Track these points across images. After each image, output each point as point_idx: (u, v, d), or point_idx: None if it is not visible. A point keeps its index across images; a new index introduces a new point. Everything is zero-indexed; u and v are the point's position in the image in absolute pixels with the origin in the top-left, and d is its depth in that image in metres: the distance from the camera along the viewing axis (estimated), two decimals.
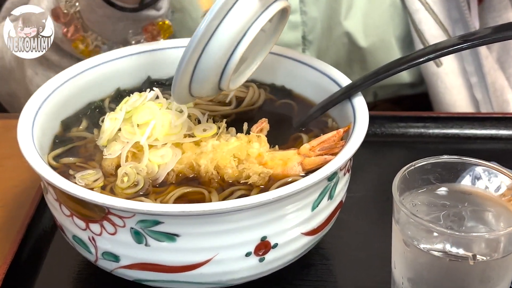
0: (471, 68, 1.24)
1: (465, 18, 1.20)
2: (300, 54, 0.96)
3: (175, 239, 0.73)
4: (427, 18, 1.21)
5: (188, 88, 0.82)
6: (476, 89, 1.24)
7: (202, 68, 0.79)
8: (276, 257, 0.78)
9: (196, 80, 0.81)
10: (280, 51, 0.96)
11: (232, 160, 0.82)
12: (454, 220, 0.73)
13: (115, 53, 0.97)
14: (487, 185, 0.79)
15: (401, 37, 1.25)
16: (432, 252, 0.70)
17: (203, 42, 0.77)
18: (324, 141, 0.83)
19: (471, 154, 1.07)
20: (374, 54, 1.25)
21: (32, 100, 0.87)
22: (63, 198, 0.77)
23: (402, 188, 0.74)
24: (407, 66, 0.86)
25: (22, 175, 1.06)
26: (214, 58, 0.79)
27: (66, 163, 0.85)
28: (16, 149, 1.11)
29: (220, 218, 0.72)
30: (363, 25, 1.23)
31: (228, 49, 0.79)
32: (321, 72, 0.93)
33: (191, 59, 0.78)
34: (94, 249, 0.77)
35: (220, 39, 0.77)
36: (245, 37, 0.79)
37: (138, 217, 0.72)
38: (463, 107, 1.25)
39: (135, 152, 0.83)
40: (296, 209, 0.76)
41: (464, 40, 0.83)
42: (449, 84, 1.23)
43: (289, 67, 0.96)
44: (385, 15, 1.23)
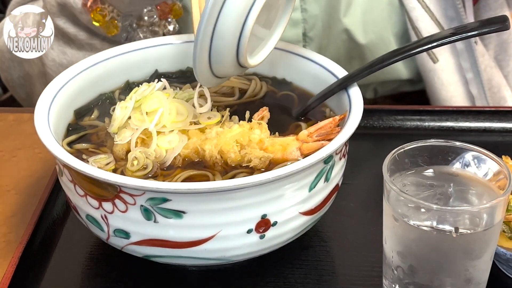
0: (467, 64, 1.30)
1: (461, 17, 1.26)
2: (300, 48, 1.04)
3: (182, 216, 0.80)
4: (423, 16, 1.27)
5: (210, 68, 0.88)
6: (471, 85, 1.30)
7: (218, 41, 0.85)
8: (276, 235, 0.85)
9: (214, 55, 0.86)
10: (281, 46, 1.03)
11: (235, 145, 0.89)
12: (440, 198, 0.80)
13: (124, 48, 1.04)
14: (476, 171, 0.85)
15: (399, 35, 1.31)
16: (420, 227, 0.77)
17: (215, 14, 0.83)
18: (321, 127, 0.90)
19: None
20: (373, 50, 1.31)
21: (48, 90, 0.94)
22: (77, 179, 0.84)
23: (393, 169, 0.81)
24: (400, 58, 0.92)
25: (34, 165, 1.14)
26: (228, 28, 0.84)
27: (79, 148, 0.92)
28: (28, 141, 1.20)
29: (223, 196, 0.80)
30: (362, 22, 1.28)
31: (239, 18, 0.84)
32: (320, 65, 1.01)
33: (205, 33, 0.83)
34: (106, 227, 0.85)
35: (230, 9, 0.83)
36: (255, 5, 0.85)
37: (148, 195, 0.80)
38: (459, 102, 1.31)
39: (144, 138, 0.90)
40: (294, 189, 0.83)
41: (453, 33, 0.90)
42: (445, 80, 1.29)
43: (289, 61, 1.03)
44: (383, 12, 1.29)
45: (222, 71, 0.91)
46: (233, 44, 0.87)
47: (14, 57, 1.28)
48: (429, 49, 0.91)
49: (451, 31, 0.90)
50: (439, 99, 1.31)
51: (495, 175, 0.83)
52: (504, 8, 1.33)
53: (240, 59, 0.89)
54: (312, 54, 1.02)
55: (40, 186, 1.07)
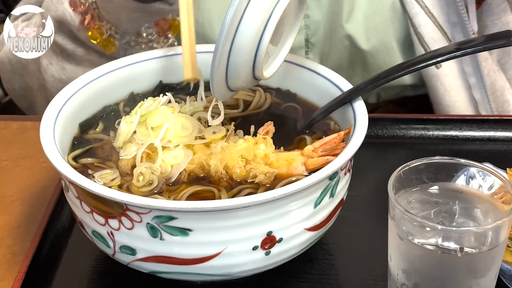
0: (470, 69, 1.31)
1: (464, 22, 1.27)
2: (304, 60, 1.05)
3: (188, 234, 0.81)
4: (426, 22, 1.28)
5: (225, 82, 0.90)
6: (474, 90, 1.31)
7: (235, 58, 0.87)
8: (281, 251, 0.86)
9: (231, 71, 0.89)
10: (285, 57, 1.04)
11: (240, 160, 0.90)
12: (445, 216, 0.81)
13: (128, 60, 1.05)
14: (481, 184, 0.86)
15: (401, 40, 1.32)
16: (424, 246, 0.78)
17: (232, 33, 0.85)
18: (326, 142, 0.91)
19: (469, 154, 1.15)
20: (375, 56, 1.32)
21: (53, 104, 0.95)
22: (84, 196, 0.86)
23: (398, 186, 0.82)
24: (405, 72, 0.94)
25: (38, 175, 1.15)
26: (245, 45, 0.87)
27: (84, 163, 0.93)
28: (32, 150, 1.21)
29: (229, 214, 0.81)
30: (364, 28, 1.29)
31: (256, 35, 0.87)
32: (324, 77, 1.02)
33: (223, 51, 0.86)
34: (112, 243, 0.86)
35: (247, 27, 0.86)
36: (271, 19, 0.87)
37: (154, 213, 0.81)
38: (462, 107, 1.32)
39: (149, 153, 0.92)
40: (300, 206, 0.84)
41: (458, 48, 0.91)
42: (448, 86, 1.30)
43: (294, 72, 1.04)
44: (385, 18, 1.30)
45: (237, 85, 0.93)
46: (250, 59, 0.89)
47: (15, 69, 1.29)
48: (434, 64, 0.92)
49: (456, 46, 0.91)
50: (442, 104, 1.32)
51: (500, 188, 0.84)
52: (507, 12, 1.34)
53: (256, 73, 0.91)
54: (316, 65, 1.03)
55: (44, 196, 1.09)
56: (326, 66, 1.31)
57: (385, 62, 1.33)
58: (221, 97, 0.93)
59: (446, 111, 1.32)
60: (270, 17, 0.87)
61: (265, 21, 0.87)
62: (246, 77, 0.91)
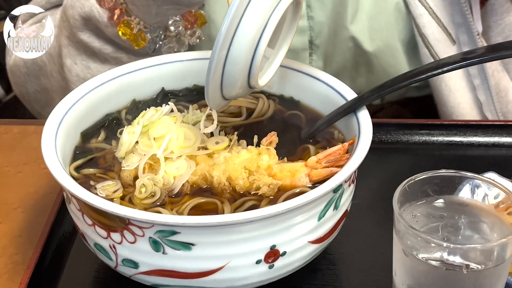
0: (474, 71, 1.30)
1: (468, 22, 1.26)
2: (307, 67, 1.04)
3: (191, 248, 0.81)
4: (430, 23, 1.27)
5: (220, 91, 0.90)
6: (479, 91, 1.31)
7: (231, 66, 0.87)
8: (285, 264, 0.86)
9: (227, 79, 0.88)
10: (288, 63, 1.04)
11: (243, 171, 0.90)
12: (451, 231, 0.81)
13: (130, 67, 1.04)
14: (487, 193, 0.87)
15: (405, 41, 1.31)
16: (429, 262, 0.78)
17: (228, 40, 0.85)
18: (330, 154, 0.91)
19: (474, 160, 1.16)
20: (380, 57, 1.31)
21: (54, 113, 0.94)
22: (86, 209, 0.85)
23: (402, 200, 0.82)
24: (410, 82, 0.93)
25: (40, 181, 1.14)
26: (241, 53, 0.86)
27: (86, 174, 0.93)
28: (33, 155, 1.20)
29: (232, 229, 0.81)
30: (368, 29, 1.29)
31: (252, 43, 0.86)
32: (327, 84, 1.01)
33: (219, 60, 0.85)
34: (114, 256, 0.86)
35: (243, 35, 0.85)
36: (267, 28, 0.86)
37: (157, 228, 0.81)
38: (466, 108, 1.32)
39: (151, 163, 0.91)
40: (303, 219, 0.84)
41: (464, 58, 0.91)
42: (453, 87, 1.30)
43: (297, 79, 1.04)
44: (390, 19, 1.29)
45: (232, 94, 0.92)
46: (246, 68, 0.88)
47: (31, 72, 1.28)
48: (440, 74, 0.92)
49: (461, 56, 0.91)
50: (447, 106, 1.32)
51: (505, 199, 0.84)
52: (510, 13, 1.33)
53: (251, 81, 0.90)
54: (319, 73, 1.03)
55: (46, 203, 1.08)
56: (330, 68, 1.33)
57: (389, 64, 1.33)
58: (216, 105, 0.93)
59: (451, 113, 1.31)
60: (266, 25, 0.87)
61: (262, 28, 0.86)
62: (242, 86, 0.90)
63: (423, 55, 1.28)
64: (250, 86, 0.92)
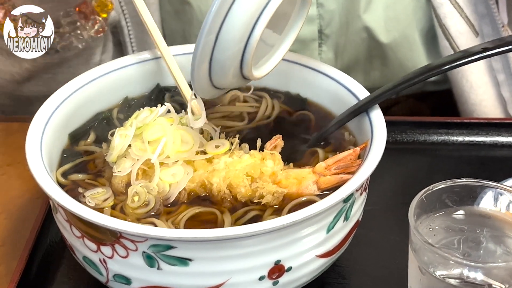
0: (498, 65, 1.28)
1: (492, 14, 1.24)
2: (315, 62, 1.02)
3: (188, 264, 0.80)
4: (452, 13, 1.25)
5: (209, 78, 0.87)
6: (503, 87, 1.29)
7: (220, 50, 0.83)
8: (290, 280, 0.84)
9: (215, 65, 0.85)
10: (294, 58, 1.02)
11: (245, 178, 0.88)
12: (472, 246, 0.79)
13: (122, 61, 1.03)
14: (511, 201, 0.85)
15: (424, 32, 1.29)
16: (448, 280, 0.76)
17: (219, 22, 0.81)
18: (340, 159, 0.89)
19: (497, 162, 1.15)
20: (396, 50, 1.29)
21: (40, 113, 0.93)
22: (74, 220, 0.84)
23: (419, 212, 0.80)
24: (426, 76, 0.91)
25: (25, 184, 1.13)
26: (232, 39, 0.82)
27: (74, 180, 0.91)
28: (18, 155, 1.18)
29: (233, 243, 0.79)
30: (384, 19, 1.27)
31: (246, 27, 0.82)
32: (337, 81, 0.99)
33: (206, 45, 0.82)
34: (105, 271, 0.84)
35: (236, 17, 0.81)
36: (263, 13, 0.83)
37: (151, 242, 0.79)
38: (489, 106, 1.30)
39: (145, 169, 0.89)
40: (311, 232, 0.82)
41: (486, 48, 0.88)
42: (474, 83, 1.28)
43: (304, 75, 1.02)
44: (407, 9, 1.27)
45: (223, 83, 0.89)
46: (237, 55, 0.85)
47: None
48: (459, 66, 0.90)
49: (484, 46, 0.89)
50: (468, 103, 1.30)
51: None
52: None
53: (244, 70, 0.87)
54: (329, 69, 1.01)
55: (32, 209, 1.07)
56: (341, 60, 1.31)
57: (406, 56, 1.31)
58: (203, 93, 0.90)
59: (472, 110, 1.29)
60: (266, 6, 0.82)
61: (260, 9, 0.82)
62: (233, 75, 0.87)
63: (443, 47, 1.26)
64: (244, 76, 0.88)
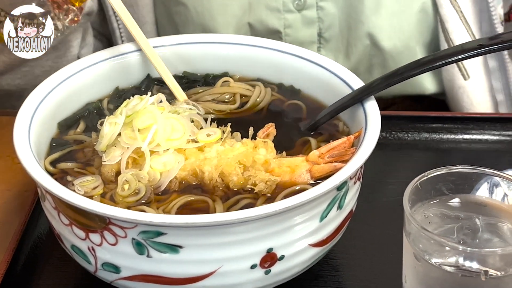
0: (498, 85, 1.29)
1: (496, 33, 1.24)
2: (310, 52, 1.02)
3: (178, 251, 0.79)
4: (460, 28, 1.25)
5: None
6: (501, 107, 1.30)
7: None
8: (283, 269, 0.84)
9: None
10: (289, 49, 1.02)
11: (238, 166, 0.88)
12: (468, 233, 0.79)
13: (114, 51, 1.03)
14: (506, 193, 0.85)
15: (426, 44, 1.29)
16: (444, 267, 0.76)
17: None
18: (333, 147, 0.89)
19: (492, 157, 1.15)
20: (396, 59, 1.29)
21: (28, 101, 0.93)
22: (62, 207, 0.83)
23: (414, 199, 0.80)
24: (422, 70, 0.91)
25: (15, 177, 1.12)
26: None
27: (63, 168, 0.91)
28: (7, 149, 1.18)
29: (225, 230, 0.79)
30: (388, 26, 1.26)
31: None
32: (332, 72, 0.99)
33: None
34: (93, 260, 0.84)
35: None
36: None
37: (140, 228, 0.79)
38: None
39: (135, 158, 0.89)
40: (304, 220, 0.82)
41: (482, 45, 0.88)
42: (475, 101, 1.28)
43: (298, 66, 1.02)
44: (413, 19, 1.27)
45: None
46: None
47: None
48: (454, 62, 0.90)
49: (481, 42, 0.89)
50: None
51: None
52: None
53: None
54: (323, 59, 1.01)
55: (20, 202, 1.07)
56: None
57: None
58: None
59: None
60: None
61: None
62: None
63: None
64: None
